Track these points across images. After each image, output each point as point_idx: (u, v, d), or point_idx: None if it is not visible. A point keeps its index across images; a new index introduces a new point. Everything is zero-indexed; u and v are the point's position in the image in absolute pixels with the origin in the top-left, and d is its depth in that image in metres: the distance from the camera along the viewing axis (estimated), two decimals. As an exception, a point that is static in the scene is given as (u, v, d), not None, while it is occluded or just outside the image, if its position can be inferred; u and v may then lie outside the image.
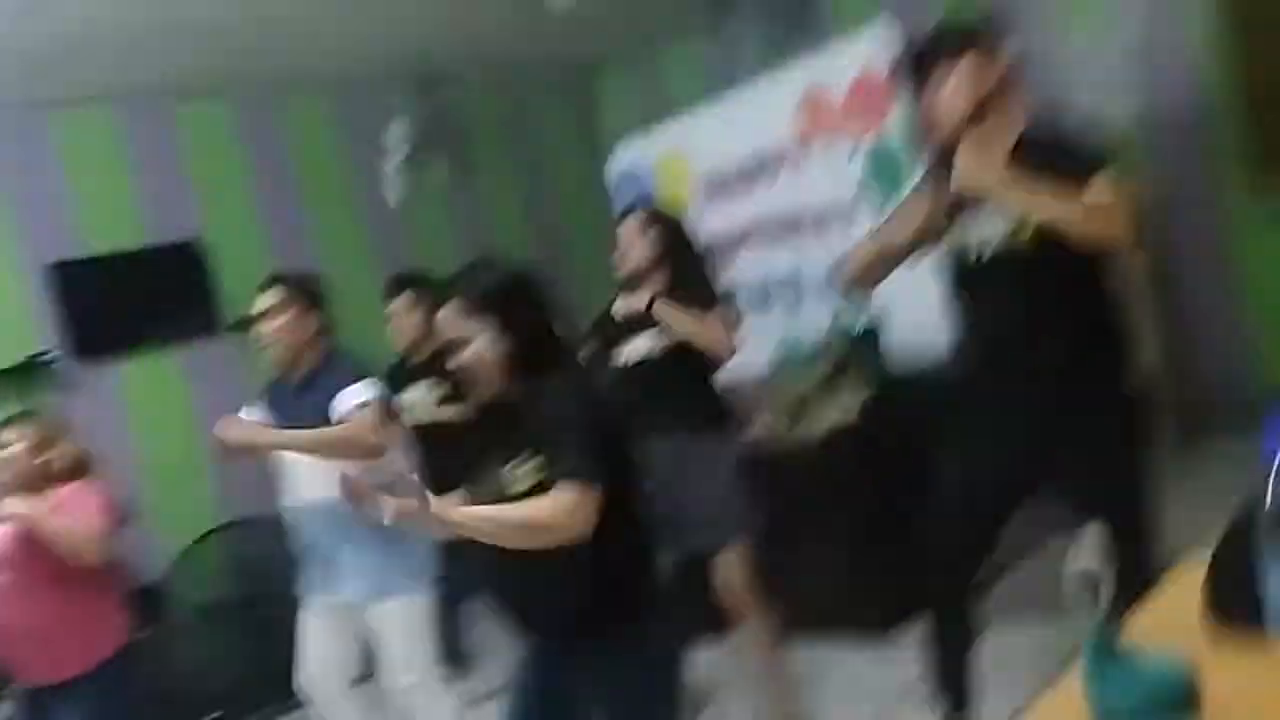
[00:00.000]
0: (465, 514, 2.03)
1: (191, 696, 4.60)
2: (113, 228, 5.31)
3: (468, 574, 2.95)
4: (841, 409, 3.96)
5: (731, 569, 3.16)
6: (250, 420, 3.18)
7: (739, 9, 6.43)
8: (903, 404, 3.96)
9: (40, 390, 4.93)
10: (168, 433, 5.26)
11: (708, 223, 4.91)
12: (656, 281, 3.16)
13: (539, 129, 7.19)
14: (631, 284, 3.19)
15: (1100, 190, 2.23)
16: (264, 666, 4.99)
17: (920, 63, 2.42)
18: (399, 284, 4.25)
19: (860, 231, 4.29)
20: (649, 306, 3.06)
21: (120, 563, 3.33)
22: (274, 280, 3.21)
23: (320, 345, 3.17)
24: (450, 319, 2.12)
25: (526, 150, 7.10)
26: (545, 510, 1.95)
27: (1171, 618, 1.14)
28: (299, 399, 3.09)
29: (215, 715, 4.70)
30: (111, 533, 3.15)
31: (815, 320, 4.31)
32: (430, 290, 4.21)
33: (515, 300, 2.14)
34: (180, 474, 5.13)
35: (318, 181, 6.10)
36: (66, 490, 3.18)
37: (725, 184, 4.84)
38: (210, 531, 5.12)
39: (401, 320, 4.17)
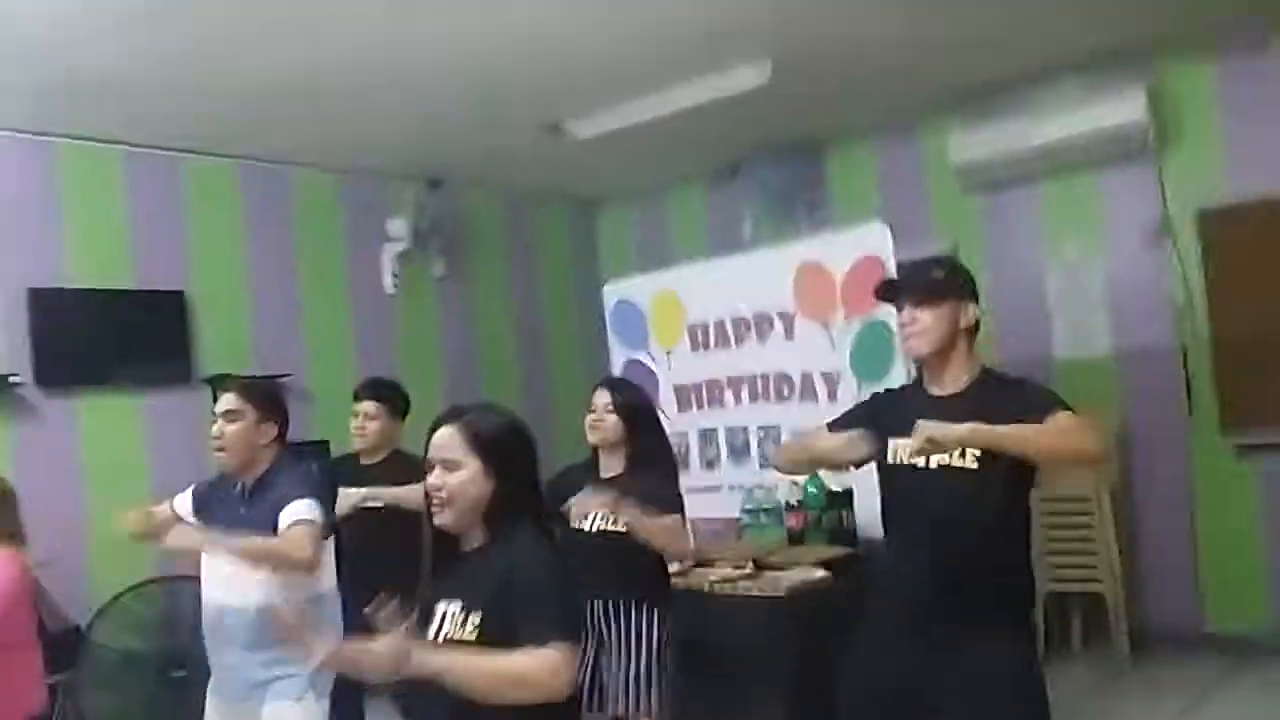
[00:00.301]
0: (449, 660, 1.96)
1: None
2: (102, 266, 5.31)
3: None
4: (806, 568, 4.02)
5: None
6: (190, 526, 3.15)
7: (744, 174, 6.74)
8: (861, 572, 4.03)
9: (-1, 411, 4.88)
10: (118, 474, 5.18)
11: (694, 366, 5.06)
12: (621, 454, 3.40)
13: (538, 243, 7.40)
14: (600, 450, 3.45)
15: (1063, 420, 2.46)
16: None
17: (903, 287, 2.76)
18: (373, 388, 4.34)
19: (844, 399, 4.48)
20: (613, 509, 3.16)
21: (33, 637, 3.23)
22: (237, 385, 3.23)
23: (272, 453, 3.17)
24: (447, 441, 2.13)
25: (523, 261, 7.29)
26: (534, 666, 1.92)
27: None
28: (246, 504, 3.10)
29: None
30: (14, 607, 3.06)
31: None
32: (400, 401, 4.35)
33: (510, 448, 2.17)
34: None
35: (314, 254, 6.18)
36: None
37: (715, 333, 4.98)
38: (146, 582, 5.01)
39: (366, 423, 4.25)
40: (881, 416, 2.71)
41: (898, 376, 4.27)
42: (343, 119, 5.37)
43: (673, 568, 3.67)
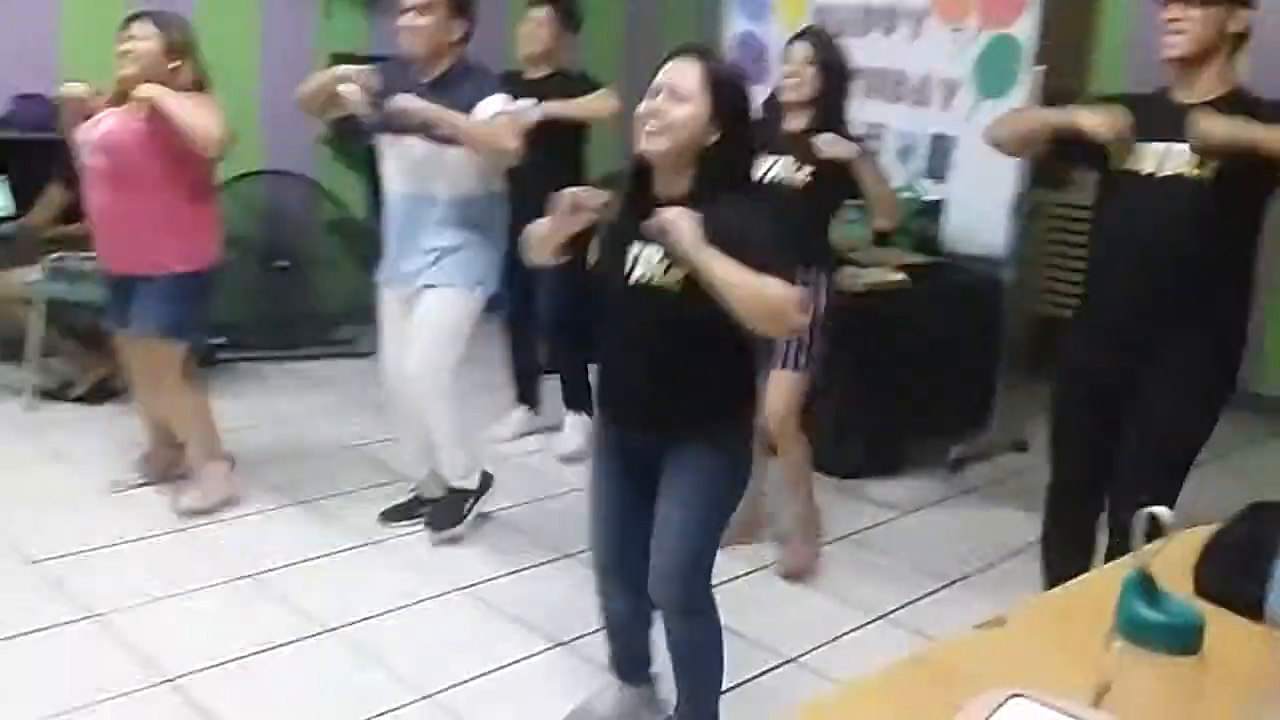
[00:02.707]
0: (714, 255, 1.92)
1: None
2: None
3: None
4: (886, 269, 4.17)
5: (783, 392, 3.25)
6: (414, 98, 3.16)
7: None
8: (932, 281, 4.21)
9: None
10: (231, 63, 5.28)
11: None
12: (809, 114, 3.22)
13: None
14: (789, 108, 3.25)
15: None
16: (279, 309, 5.32)
17: None
18: None
19: (957, 108, 4.45)
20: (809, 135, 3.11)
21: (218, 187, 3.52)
22: None
23: (456, 52, 3.26)
24: (684, 71, 2.04)
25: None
26: (787, 296, 1.91)
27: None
28: (432, 95, 3.16)
29: (218, 340, 4.96)
30: (224, 142, 3.28)
31: (893, 178, 4.43)
32: (575, 11, 4.27)
33: (743, 105, 2.10)
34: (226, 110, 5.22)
35: None
36: (189, 98, 3.28)
37: (842, 19, 4.84)
38: (249, 173, 5.26)
39: (535, 31, 4.17)
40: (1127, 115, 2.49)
41: (1020, 97, 4.23)
42: None
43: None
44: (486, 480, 3.55)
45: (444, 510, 3.50)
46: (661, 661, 2.44)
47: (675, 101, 2.02)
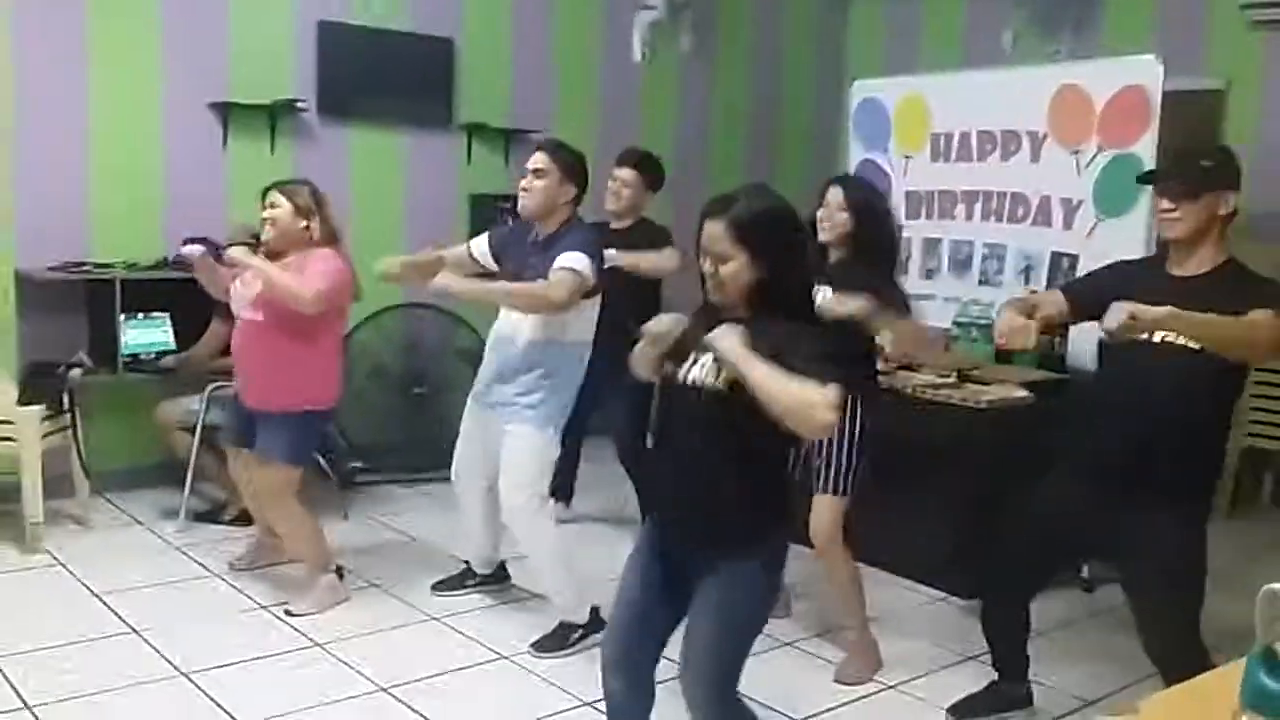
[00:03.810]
0: (750, 358, 2.08)
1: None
2: (384, 5, 5.64)
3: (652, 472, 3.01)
4: (1009, 385, 4.19)
5: (826, 516, 3.38)
6: (455, 278, 3.51)
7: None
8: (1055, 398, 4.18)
9: (283, 132, 5.38)
10: (378, 201, 5.66)
11: (931, 174, 5.09)
12: (844, 251, 3.40)
13: (787, 29, 7.34)
14: (826, 249, 3.43)
15: (1259, 317, 2.53)
16: (416, 433, 5.57)
17: (1168, 178, 2.78)
18: (634, 156, 4.62)
19: (1079, 228, 4.51)
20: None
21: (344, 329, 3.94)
22: (548, 146, 3.59)
23: (568, 212, 3.55)
24: (717, 236, 2.22)
25: (770, 46, 7.25)
26: (821, 396, 2.02)
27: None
28: (539, 254, 3.47)
29: (356, 464, 5.18)
30: (334, 295, 3.65)
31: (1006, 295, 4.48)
32: (657, 174, 4.64)
33: (776, 236, 2.25)
34: (377, 247, 5.55)
35: (571, 16, 6.35)
36: (314, 253, 3.70)
37: (959, 144, 4.97)
38: (391, 306, 5.56)
39: (622, 189, 4.54)
40: (1118, 286, 2.74)
41: (1140, 214, 4.25)
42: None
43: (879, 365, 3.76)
44: (596, 617, 3.56)
45: (551, 639, 3.61)
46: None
47: (719, 263, 2.23)
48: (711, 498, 2.25)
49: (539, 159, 3.52)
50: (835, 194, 3.43)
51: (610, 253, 4.15)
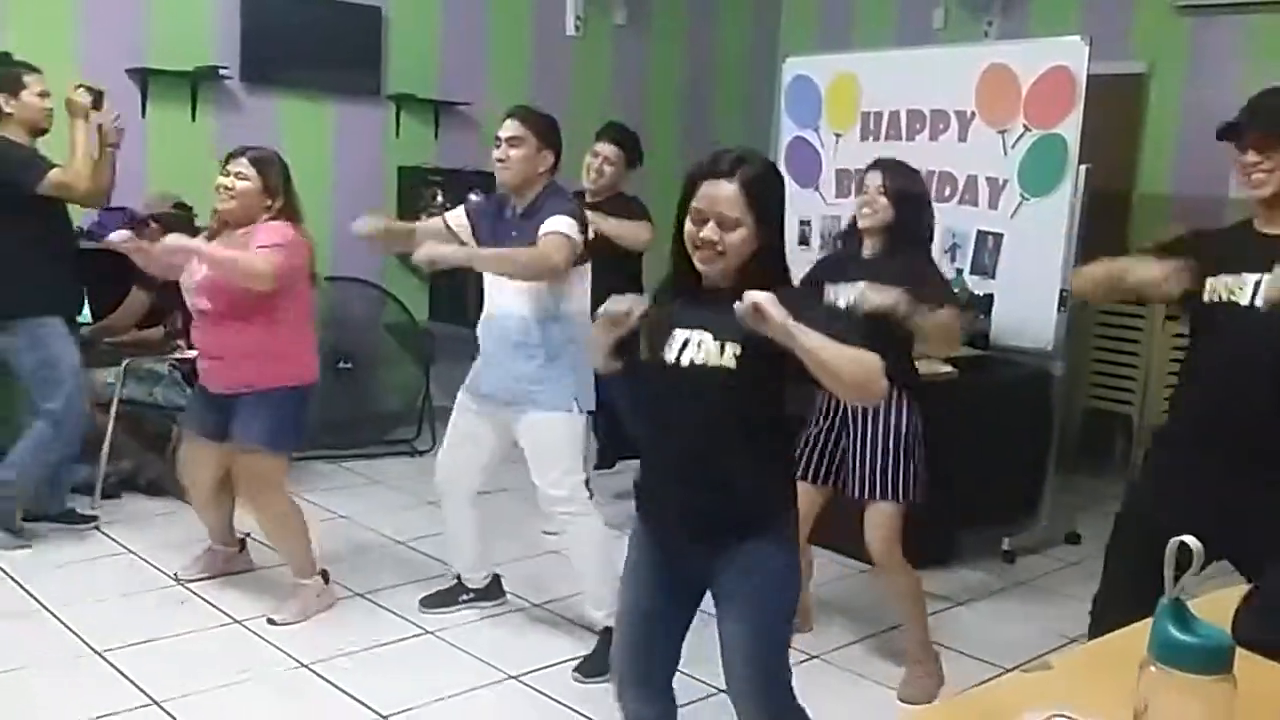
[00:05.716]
0: (800, 328, 1.88)
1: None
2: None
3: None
4: (933, 361, 4.20)
5: (884, 525, 3.19)
6: (446, 246, 3.29)
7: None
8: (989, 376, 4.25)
9: (205, 99, 5.25)
10: (307, 173, 5.49)
11: (861, 152, 5.09)
12: (883, 240, 3.21)
13: (723, 6, 7.30)
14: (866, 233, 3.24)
15: None
16: (341, 409, 5.47)
17: (1246, 127, 2.47)
18: (616, 132, 4.58)
19: (1004, 207, 4.56)
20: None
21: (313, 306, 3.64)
22: (520, 114, 3.36)
23: (545, 181, 3.33)
24: (728, 199, 2.02)
25: (704, 21, 7.23)
26: (871, 359, 1.91)
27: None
28: (518, 225, 3.29)
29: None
30: (288, 270, 3.36)
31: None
32: (637, 152, 4.59)
33: (779, 203, 2.11)
34: (312, 220, 5.44)
35: (504, -11, 6.28)
36: (263, 226, 3.42)
37: (889, 123, 5.00)
38: (324, 278, 5.44)
39: (604, 166, 4.48)
40: (1203, 251, 2.51)
41: (1065, 194, 4.32)
42: None
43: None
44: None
45: (593, 660, 3.28)
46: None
47: (727, 230, 2.03)
48: (725, 480, 2.09)
49: (512, 126, 3.30)
50: (874, 178, 3.20)
51: (589, 214, 3.93)
